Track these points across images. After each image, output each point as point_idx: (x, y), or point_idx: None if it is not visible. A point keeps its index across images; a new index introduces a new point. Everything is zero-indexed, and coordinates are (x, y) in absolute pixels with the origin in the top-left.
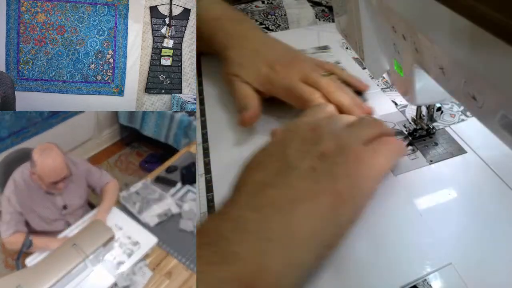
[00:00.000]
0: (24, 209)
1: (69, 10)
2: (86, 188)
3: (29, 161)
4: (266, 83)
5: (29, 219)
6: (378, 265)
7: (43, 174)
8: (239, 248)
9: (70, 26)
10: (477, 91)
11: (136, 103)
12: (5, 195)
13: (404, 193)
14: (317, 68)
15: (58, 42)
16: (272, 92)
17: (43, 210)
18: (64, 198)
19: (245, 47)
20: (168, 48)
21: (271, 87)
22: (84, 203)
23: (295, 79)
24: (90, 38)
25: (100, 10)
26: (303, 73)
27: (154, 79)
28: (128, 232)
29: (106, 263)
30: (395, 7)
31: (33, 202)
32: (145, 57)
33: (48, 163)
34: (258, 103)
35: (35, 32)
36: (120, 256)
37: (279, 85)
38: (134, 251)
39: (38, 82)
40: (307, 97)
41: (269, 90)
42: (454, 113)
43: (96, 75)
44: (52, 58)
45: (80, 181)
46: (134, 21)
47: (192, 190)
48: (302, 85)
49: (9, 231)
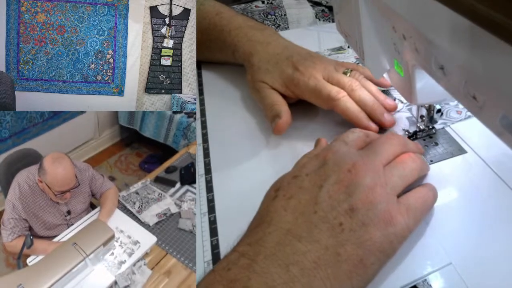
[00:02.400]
0: (29, 216)
1: (69, 10)
2: (90, 193)
3: (38, 168)
4: (292, 85)
5: (33, 225)
6: None
7: (53, 183)
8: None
9: (70, 26)
10: (478, 91)
11: (136, 103)
12: (10, 201)
13: None
14: (338, 67)
15: (58, 42)
16: (297, 94)
17: (47, 216)
18: (69, 204)
19: (268, 52)
20: (168, 48)
21: (297, 88)
22: (87, 207)
23: (320, 79)
24: (90, 38)
25: (100, 10)
26: (326, 72)
27: (154, 79)
28: (129, 231)
29: (108, 262)
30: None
31: (38, 208)
32: (145, 57)
33: (60, 172)
34: (288, 109)
35: (35, 32)
36: (121, 255)
37: (305, 86)
38: (134, 250)
39: (38, 82)
40: (333, 96)
41: (295, 92)
42: (461, 109)
43: (96, 75)
44: (52, 58)
45: (85, 187)
46: (134, 21)
47: (190, 190)
48: (327, 84)
49: (13, 236)
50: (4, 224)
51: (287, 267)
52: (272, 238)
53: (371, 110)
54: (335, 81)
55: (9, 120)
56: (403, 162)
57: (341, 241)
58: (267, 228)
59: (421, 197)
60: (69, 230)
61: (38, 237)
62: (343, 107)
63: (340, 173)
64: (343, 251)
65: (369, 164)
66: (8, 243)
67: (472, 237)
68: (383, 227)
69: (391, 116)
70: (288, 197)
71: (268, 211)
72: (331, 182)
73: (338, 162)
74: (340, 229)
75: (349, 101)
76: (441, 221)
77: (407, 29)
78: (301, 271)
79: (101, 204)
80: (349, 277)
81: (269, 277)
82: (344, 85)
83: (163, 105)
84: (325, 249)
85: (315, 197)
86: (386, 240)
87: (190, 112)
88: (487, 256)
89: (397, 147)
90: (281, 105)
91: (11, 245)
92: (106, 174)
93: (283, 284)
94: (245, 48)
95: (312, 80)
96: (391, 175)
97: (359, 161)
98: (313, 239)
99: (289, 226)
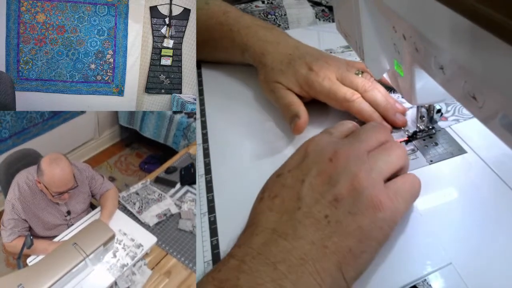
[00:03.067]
0: (28, 216)
1: (69, 10)
2: (90, 193)
3: (36, 169)
4: (306, 85)
5: (33, 225)
6: (378, 265)
7: (51, 183)
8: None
9: (70, 26)
10: (478, 91)
11: (136, 103)
12: (9, 201)
13: None
14: (350, 67)
15: (58, 42)
16: (312, 94)
17: (47, 216)
18: (68, 204)
19: (279, 52)
20: (168, 48)
21: (311, 89)
22: (87, 207)
23: (334, 80)
24: (90, 38)
25: (100, 10)
26: (339, 73)
27: (154, 79)
28: (132, 234)
29: (110, 265)
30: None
31: (38, 209)
32: (145, 57)
33: (57, 173)
34: (305, 108)
35: (35, 32)
36: (123, 258)
37: (320, 88)
38: (137, 254)
39: (38, 82)
40: (348, 98)
41: (309, 93)
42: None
43: (96, 75)
44: (52, 58)
45: (84, 187)
46: (134, 21)
47: (191, 190)
48: (341, 86)
49: (12, 237)
50: (4, 224)
51: (274, 265)
52: (259, 239)
53: (384, 110)
54: (348, 82)
55: (9, 120)
56: (388, 148)
57: (328, 234)
58: (254, 230)
59: (408, 181)
60: (69, 230)
61: (39, 237)
62: (358, 108)
63: (321, 164)
64: (330, 244)
65: (351, 151)
66: (8, 243)
67: (472, 237)
68: (371, 213)
69: (402, 116)
70: (273, 197)
71: (255, 214)
72: (313, 175)
73: (319, 153)
74: (326, 222)
75: (363, 102)
76: (441, 221)
77: (407, 29)
78: (289, 268)
79: (101, 205)
80: (339, 269)
81: (258, 276)
82: (357, 86)
83: (163, 105)
84: (311, 244)
85: (298, 192)
86: (376, 227)
87: (190, 112)
88: (487, 256)
89: (381, 134)
90: (298, 105)
91: (11, 245)
92: (106, 175)
93: (271, 282)
94: (256, 48)
95: (326, 81)
96: (375, 161)
97: (340, 149)
98: (298, 236)
99: (274, 226)
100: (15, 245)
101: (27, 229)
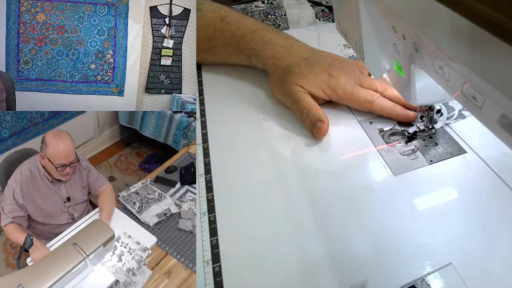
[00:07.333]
0: (27, 202)
1: (69, 10)
2: (87, 184)
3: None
4: (329, 90)
5: (32, 211)
6: (378, 265)
7: (54, 155)
8: None
9: (70, 26)
10: (477, 91)
11: (136, 103)
12: (10, 186)
13: (404, 193)
14: (362, 70)
15: (58, 42)
16: (333, 98)
17: (46, 202)
18: (68, 189)
19: (294, 56)
20: (168, 48)
21: (334, 93)
22: (86, 199)
23: (354, 84)
24: (90, 38)
25: (100, 10)
26: (356, 77)
27: (154, 79)
28: (138, 238)
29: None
30: (395, 7)
31: (37, 193)
32: (145, 57)
33: (60, 144)
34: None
35: (35, 32)
36: (129, 262)
37: (343, 92)
38: (143, 257)
39: (38, 82)
40: (369, 99)
41: (331, 96)
42: None
43: (96, 75)
44: (52, 58)
45: (82, 176)
46: (134, 21)
47: (191, 190)
48: (361, 89)
49: (6, 222)
50: (3, 208)
51: None
52: None
53: (404, 102)
54: (368, 85)
55: (9, 120)
56: None
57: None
58: None
59: None
60: (70, 230)
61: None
62: (380, 105)
63: None
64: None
65: None
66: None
67: (472, 237)
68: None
69: None
70: None
71: None
72: None
73: None
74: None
75: (383, 100)
76: (441, 221)
77: (407, 29)
78: None
79: (99, 205)
80: None
81: None
82: (376, 88)
83: (163, 105)
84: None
85: None
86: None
87: (190, 112)
88: (487, 256)
89: None
90: (318, 109)
91: (5, 230)
92: (106, 174)
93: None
94: (266, 52)
95: (348, 86)
96: None
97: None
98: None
99: None
100: (9, 231)
101: (24, 218)
